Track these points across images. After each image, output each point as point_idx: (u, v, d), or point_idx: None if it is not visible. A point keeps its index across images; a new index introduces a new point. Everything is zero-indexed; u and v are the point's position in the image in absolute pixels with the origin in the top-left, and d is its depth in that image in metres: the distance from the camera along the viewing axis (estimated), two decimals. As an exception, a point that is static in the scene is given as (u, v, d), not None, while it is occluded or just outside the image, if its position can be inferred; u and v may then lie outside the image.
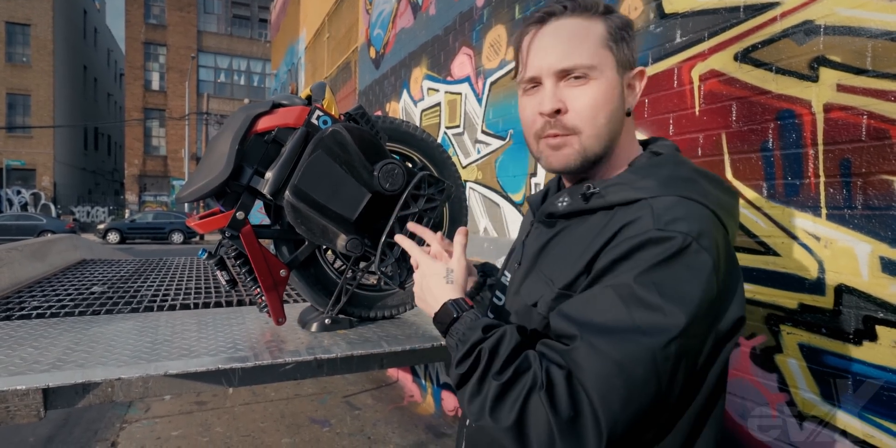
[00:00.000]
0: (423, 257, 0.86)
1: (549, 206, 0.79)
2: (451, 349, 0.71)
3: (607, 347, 0.58)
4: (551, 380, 0.60)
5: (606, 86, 0.71)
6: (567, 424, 0.57)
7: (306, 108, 1.28)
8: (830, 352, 1.22)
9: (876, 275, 1.14)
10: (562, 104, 0.72)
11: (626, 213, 0.67)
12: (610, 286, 0.62)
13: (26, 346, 1.23)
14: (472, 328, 0.69)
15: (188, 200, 1.23)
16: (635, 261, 0.62)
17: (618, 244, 0.64)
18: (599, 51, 0.71)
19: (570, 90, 0.72)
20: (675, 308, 0.58)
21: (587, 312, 0.62)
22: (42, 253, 2.54)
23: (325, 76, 6.73)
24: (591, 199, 0.72)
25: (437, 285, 0.80)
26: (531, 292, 0.75)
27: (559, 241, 0.76)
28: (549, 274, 0.73)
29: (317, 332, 1.41)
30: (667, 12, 1.71)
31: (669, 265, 0.60)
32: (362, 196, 1.29)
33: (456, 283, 0.80)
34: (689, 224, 0.62)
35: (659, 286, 0.59)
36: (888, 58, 1.13)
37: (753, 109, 1.41)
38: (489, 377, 0.63)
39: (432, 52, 3.60)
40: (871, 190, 1.15)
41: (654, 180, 0.69)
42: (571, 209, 0.75)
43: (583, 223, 0.74)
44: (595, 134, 0.72)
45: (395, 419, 3.30)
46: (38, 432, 3.08)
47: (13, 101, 22.42)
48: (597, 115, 0.71)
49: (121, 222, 18.13)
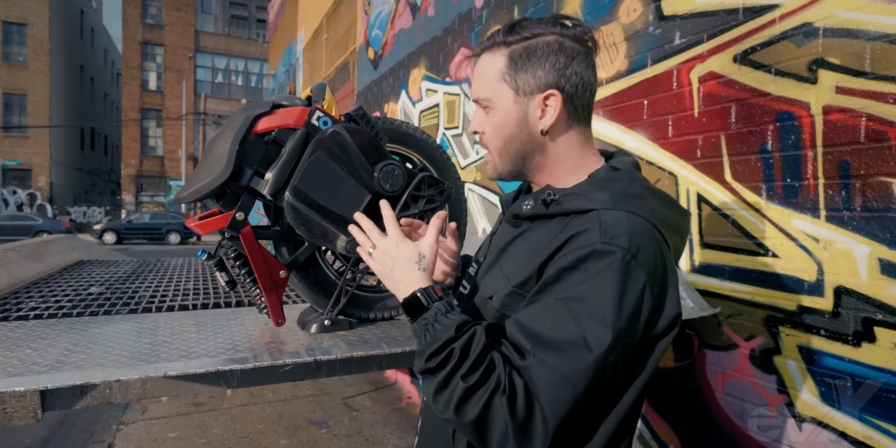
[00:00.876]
0: (397, 236, 0.86)
1: (515, 208, 0.86)
2: (418, 337, 0.75)
3: (555, 363, 0.65)
4: (513, 387, 0.66)
5: (502, 115, 0.81)
6: (520, 426, 0.65)
7: (306, 109, 1.28)
8: (829, 353, 1.22)
9: (875, 276, 1.14)
10: (480, 126, 0.85)
11: (578, 221, 0.74)
12: (561, 299, 0.69)
13: (24, 348, 1.22)
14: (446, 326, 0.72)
15: (188, 201, 1.23)
16: (581, 273, 0.69)
17: (567, 253, 0.71)
18: (495, 85, 0.81)
19: (483, 115, 0.84)
20: (614, 321, 0.66)
21: (539, 325, 0.69)
22: (39, 253, 2.53)
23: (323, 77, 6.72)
24: (550, 205, 0.79)
25: (408, 270, 0.81)
26: (489, 286, 0.84)
27: (520, 242, 0.84)
28: (506, 271, 0.81)
29: (316, 334, 1.41)
30: (666, 14, 1.72)
31: (611, 281, 0.67)
32: (362, 197, 1.29)
33: (426, 271, 0.82)
34: (629, 239, 0.69)
35: (600, 301, 0.66)
36: (887, 60, 1.13)
37: (752, 111, 1.42)
38: (457, 376, 0.68)
39: (431, 53, 3.60)
40: (869, 192, 1.16)
41: (608, 194, 0.75)
42: (533, 213, 0.82)
43: (542, 226, 0.81)
44: (497, 154, 0.84)
45: (394, 420, 3.30)
46: (35, 434, 3.06)
47: (9, 101, 22.34)
48: (495, 138, 0.83)
49: (117, 223, 18.06)
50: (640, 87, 1.80)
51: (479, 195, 2.97)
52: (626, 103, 1.87)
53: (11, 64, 22.21)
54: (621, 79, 1.89)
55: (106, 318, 1.58)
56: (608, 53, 1.97)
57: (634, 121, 1.83)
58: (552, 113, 0.79)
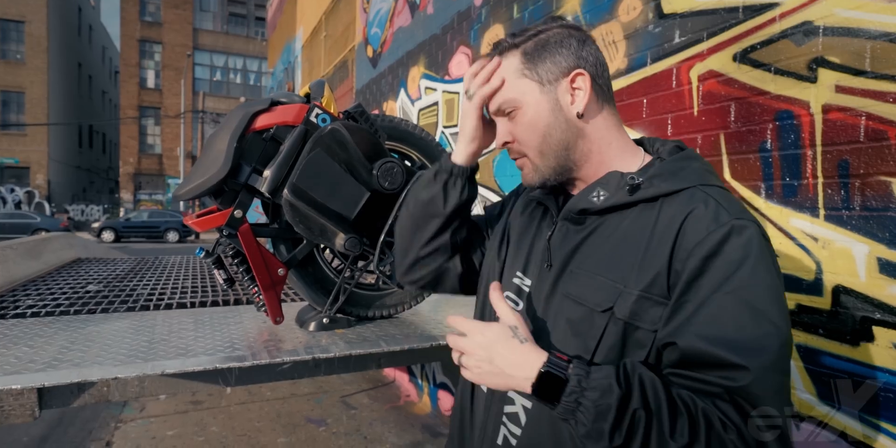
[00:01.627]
0: (475, 325, 0.71)
1: (580, 202, 0.76)
2: (573, 418, 0.60)
3: (770, 362, 0.59)
4: (727, 416, 0.59)
5: (533, 109, 0.78)
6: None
7: (305, 106, 1.27)
8: (828, 353, 1.23)
9: (873, 276, 1.14)
10: (509, 136, 0.81)
11: (676, 202, 0.69)
12: (728, 294, 0.61)
13: (21, 346, 1.22)
14: (603, 389, 0.59)
15: (186, 198, 1.23)
16: (725, 256, 0.63)
17: (701, 241, 0.64)
18: (516, 83, 0.78)
19: (510, 123, 0.80)
20: (781, 294, 0.63)
21: (725, 331, 0.60)
22: (37, 251, 2.52)
23: (321, 75, 6.71)
24: (636, 190, 0.71)
25: (510, 351, 0.66)
26: (590, 296, 0.70)
27: (599, 239, 0.74)
28: (608, 275, 0.70)
29: (315, 332, 1.41)
30: (665, 12, 1.71)
31: (760, 257, 0.63)
32: (361, 195, 1.28)
33: (530, 341, 0.67)
34: (750, 215, 0.67)
35: (764, 281, 0.62)
36: (887, 59, 1.13)
37: (752, 110, 1.42)
38: (662, 439, 0.57)
39: (430, 52, 3.60)
40: (869, 191, 1.16)
41: (693, 172, 0.73)
42: (612, 203, 0.73)
43: (623, 218, 0.72)
44: (538, 153, 0.79)
45: (392, 419, 3.30)
46: (32, 432, 3.06)
47: (7, 99, 22.27)
48: (532, 136, 0.78)
49: (116, 221, 18.04)
50: (640, 85, 1.80)
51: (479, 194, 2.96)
52: (625, 102, 1.86)
53: (9, 61, 22.14)
54: (621, 77, 1.89)
55: (103, 315, 1.58)
56: (607, 52, 1.96)
57: (634, 119, 1.82)
58: (583, 94, 0.76)
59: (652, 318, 0.66)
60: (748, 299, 0.61)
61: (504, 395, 0.80)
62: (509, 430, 0.79)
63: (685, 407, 0.59)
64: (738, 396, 0.59)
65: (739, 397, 0.59)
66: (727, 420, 0.58)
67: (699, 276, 0.63)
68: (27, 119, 22.30)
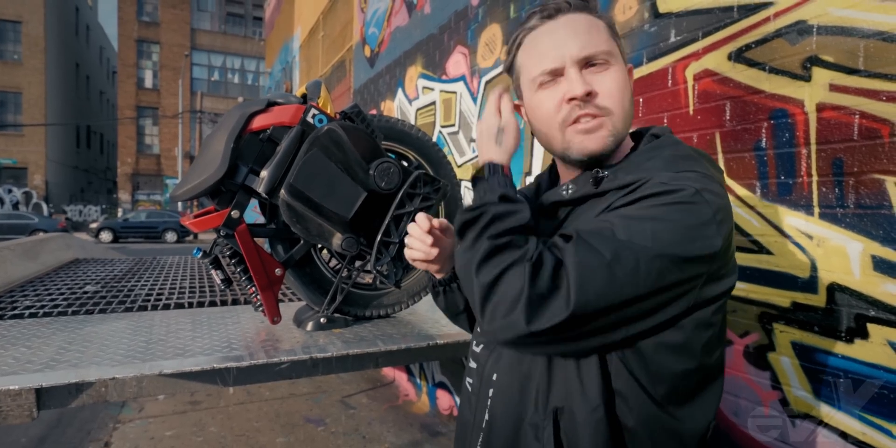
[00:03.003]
0: (489, 111, 0.84)
1: (551, 196, 0.82)
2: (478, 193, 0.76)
3: (599, 246, 0.62)
4: (542, 259, 0.63)
5: (623, 72, 0.77)
6: (537, 298, 0.61)
7: (302, 107, 1.28)
8: (823, 350, 1.23)
9: (868, 273, 1.15)
10: (591, 87, 0.74)
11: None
12: (619, 216, 0.66)
13: (19, 346, 1.22)
14: (493, 192, 0.73)
15: (183, 199, 1.23)
16: (641, 203, 0.66)
17: (627, 193, 0.69)
18: (610, 41, 0.77)
19: (594, 76, 0.75)
20: (668, 235, 0.62)
21: (588, 226, 0.67)
22: (34, 252, 2.52)
23: (319, 74, 6.71)
24: (601, 182, 0.74)
25: (487, 142, 0.82)
26: None
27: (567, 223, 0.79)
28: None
29: (312, 331, 1.41)
30: (661, 12, 1.72)
31: (673, 206, 0.64)
32: (358, 195, 1.29)
33: (504, 146, 0.81)
34: (696, 182, 0.67)
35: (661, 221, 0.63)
36: (880, 58, 1.13)
37: (747, 109, 1.42)
38: (485, 236, 0.67)
39: (427, 51, 3.60)
40: (863, 189, 1.16)
41: (659, 161, 0.73)
42: (580, 194, 0.77)
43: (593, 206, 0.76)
44: (623, 115, 0.76)
45: (391, 418, 3.30)
46: (30, 433, 3.06)
47: (4, 99, 22.23)
48: (623, 96, 0.76)
49: (114, 221, 18.01)
50: (636, 84, 1.80)
51: (476, 193, 2.97)
52: (621, 101, 1.87)
53: (6, 61, 22.09)
54: (617, 76, 1.89)
55: (101, 316, 1.58)
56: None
57: (630, 118, 1.83)
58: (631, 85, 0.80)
59: None
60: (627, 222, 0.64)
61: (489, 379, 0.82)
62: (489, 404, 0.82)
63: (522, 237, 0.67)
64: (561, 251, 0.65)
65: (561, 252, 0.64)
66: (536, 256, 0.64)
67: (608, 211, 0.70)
68: (25, 119, 22.25)
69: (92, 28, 30.78)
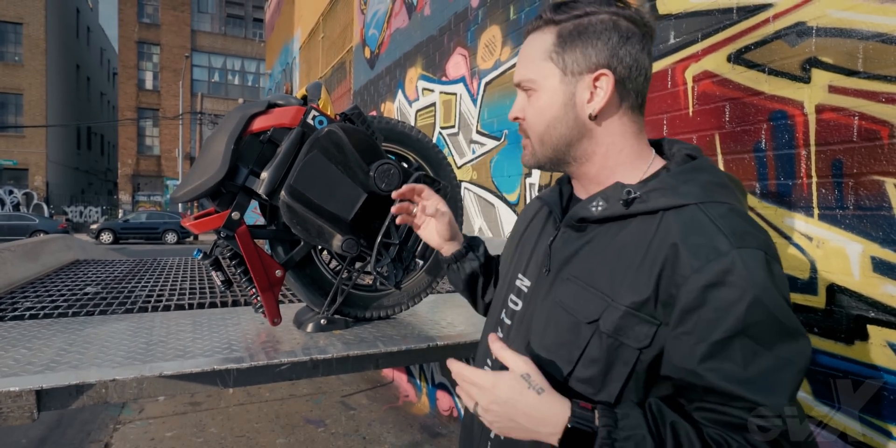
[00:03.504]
0: (484, 376, 0.66)
1: (580, 211, 0.75)
2: None
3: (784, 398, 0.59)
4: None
5: (547, 96, 0.75)
6: None
7: (302, 108, 1.28)
8: (822, 351, 1.23)
9: (867, 274, 1.15)
10: (521, 112, 0.79)
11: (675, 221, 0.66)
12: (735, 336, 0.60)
13: (19, 348, 1.22)
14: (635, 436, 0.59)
15: (183, 200, 1.23)
16: (729, 287, 0.60)
17: (700, 268, 0.61)
18: (541, 64, 0.75)
19: (525, 101, 0.79)
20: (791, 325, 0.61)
21: (737, 370, 0.60)
22: (35, 253, 2.52)
23: (319, 76, 6.71)
24: (632, 204, 0.69)
25: (530, 405, 0.63)
26: (580, 307, 0.70)
27: (595, 248, 0.73)
28: (599, 287, 0.69)
29: (312, 333, 1.41)
30: (660, 13, 1.72)
31: (768, 290, 0.60)
32: (358, 196, 1.29)
33: (546, 390, 0.63)
34: (755, 236, 0.63)
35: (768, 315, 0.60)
36: (879, 59, 1.14)
37: (746, 110, 1.42)
38: None
39: (427, 53, 3.61)
40: (862, 190, 1.17)
41: (697, 186, 0.68)
42: (608, 214, 0.71)
43: (621, 229, 0.71)
44: (538, 140, 0.78)
45: (391, 419, 3.30)
46: (31, 434, 3.06)
47: (5, 101, 22.24)
48: (537, 123, 0.77)
49: (114, 222, 18.01)
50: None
51: (476, 194, 2.97)
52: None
53: (7, 63, 22.11)
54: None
55: (102, 317, 1.58)
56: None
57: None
58: (602, 95, 0.72)
59: (637, 336, 0.65)
60: (754, 336, 0.59)
61: None
62: None
63: (716, 443, 0.58)
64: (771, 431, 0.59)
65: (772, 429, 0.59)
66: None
67: (698, 307, 0.61)
68: (25, 121, 22.27)
69: (93, 30, 30.82)
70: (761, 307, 0.59)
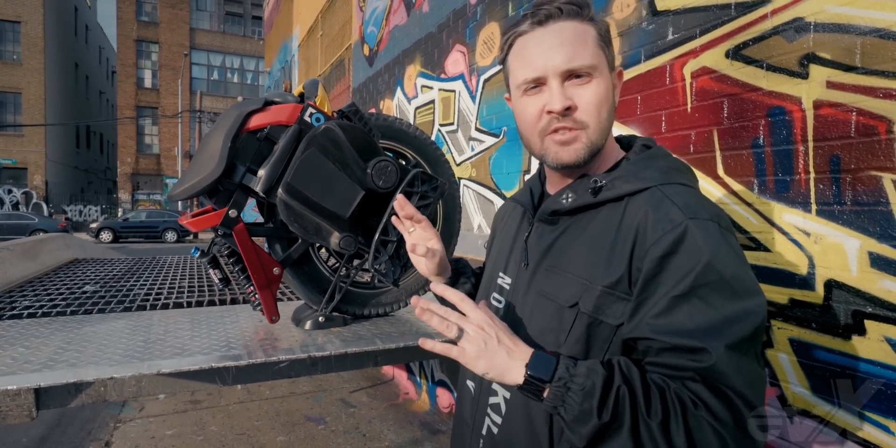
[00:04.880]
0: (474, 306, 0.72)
1: (551, 204, 0.80)
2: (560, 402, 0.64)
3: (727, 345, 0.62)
4: (698, 395, 0.62)
5: (605, 84, 0.77)
6: (735, 429, 0.60)
7: (299, 106, 1.28)
8: (820, 346, 1.23)
9: (865, 270, 1.15)
10: (571, 102, 0.75)
11: (639, 202, 0.72)
12: (687, 293, 0.64)
13: (17, 346, 1.22)
14: (589, 372, 0.64)
15: (180, 198, 1.23)
16: (682, 255, 0.65)
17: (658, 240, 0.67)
18: (597, 52, 0.76)
19: (576, 89, 0.76)
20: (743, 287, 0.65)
21: (682, 322, 0.64)
22: (34, 252, 2.52)
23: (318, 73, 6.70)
24: (599, 192, 0.75)
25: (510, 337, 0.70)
26: (559, 292, 0.75)
27: (569, 238, 0.78)
28: (576, 272, 0.74)
29: (311, 330, 1.41)
30: (659, 9, 1.72)
31: (717, 252, 0.65)
32: (356, 193, 1.29)
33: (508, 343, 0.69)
34: (707, 209, 0.69)
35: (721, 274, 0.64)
36: (877, 55, 1.13)
37: (744, 106, 1.42)
38: (644, 417, 0.61)
39: (426, 50, 3.60)
40: (860, 186, 1.16)
41: (655, 171, 0.75)
42: (579, 204, 0.77)
43: (592, 218, 0.76)
44: (600, 128, 0.77)
45: (391, 416, 3.31)
46: (31, 433, 3.07)
47: (4, 99, 22.21)
48: (601, 110, 0.76)
49: (114, 221, 18.01)
50: (634, 82, 1.81)
51: (475, 191, 2.97)
52: (619, 99, 1.87)
53: (5, 62, 22.06)
54: (615, 74, 1.89)
55: (100, 316, 1.58)
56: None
57: (628, 116, 1.83)
58: (619, 89, 0.81)
59: (615, 313, 0.70)
60: (701, 295, 0.64)
61: (489, 387, 0.84)
62: (492, 419, 0.83)
63: (658, 388, 0.63)
64: (706, 376, 0.62)
65: (708, 377, 0.62)
66: (697, 398, 0.62)
67: (656, 274, 0.67)
68: (24, 120, 22.24)
69: (91, 28, 30.74)
70: (711, 271, 0.64)
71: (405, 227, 0.96)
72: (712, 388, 0.61)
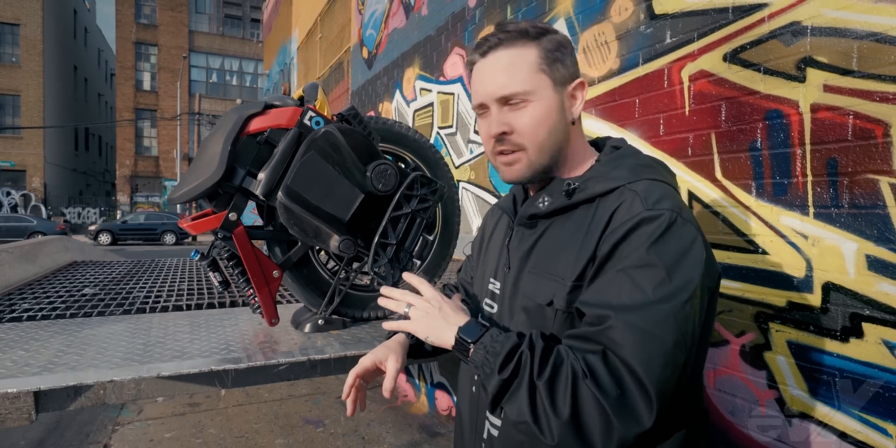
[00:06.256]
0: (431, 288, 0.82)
1: (529, 209, 0.84)
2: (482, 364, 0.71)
3: (636, 321, 0.65)
4: (590, 366, 0.65)
5: (544, 105, 0.80)
6: (617, 402, 0.62)
7: (299, 109, 1.28)
8: (818, 349, 1.24)
9: (862, 273, 1.15)
10: (507, 126, 0.80)
11: (609, 200, 0.76)
12: (621, 270, 0.69)
13: (17, 349, 1.22)
14: (505, 338, 0.71)
15: (180, 201, 1.23)
16: (634, 241, 0.69)
17: (615, 229, 0.71)
18: (533, 76, 0.79)
19: (512, 113, 0.80)
20: (679, 274, 0.67)
21: (608, 297, 0.68)
22: (32, 255, 2.52)
23: (317, 76, 6.71)
24: (573, 194, 0.79)
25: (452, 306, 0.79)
26: (538, 292, 0.79)
27: (548, 240, 0.81)
28: (552, 271, 0.78)
29: (310, 333, 1.41)
30: (657, 13, 1.72)
31: (665, 240, 0.69)
32: (355, 197, 1.29)
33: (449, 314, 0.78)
34: (670, 202, 0.72)
35: (661, 260, 0.68)
36: (873, 59, 1.14)
37: (742, 109, 1.43)
38: (534, 377, 0.66)
39: (425, 53, 3.61)
40: (857, 189, 1.17)
41: (625, 169, 0.78)
42: (555, 207, 0.80)
43: (567, 219, 0.80)
44: (538, 148, 0.81)
45: (389, 419, 3.30)
46: (29, 436, 3.06)
47: (2, 102, 22.19)
48: (537, 132, 0.80)
49: (112, 223, 17.97)
50: (632, 85, 1.81)
51: (473, 194, 2.98)
52: (617, 102, 1.88)
53: (4, 64, 22.05)
54: (613, 77, 1.90)
55: (99, 319, 1.58)
56: (600, 52, 1.98)
57: (626, 119, 1.84)
58: (580, 101, 0.83)
59: None
60: (633, 275, 0.68)
61: None
62: (492, 423, 0.84)
63: (557, 355, 0.68)
64: (607, 347, 0.66)
65: (608, 348, 0.65)
66: (589, 369, 0.65)
67: (607, 259, 0.71)
68: (23, 122, 22.22)
69: (90, 31, 30.75)
70: (651, 257, 0.68)
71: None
72: (607, 362, 0.65)
